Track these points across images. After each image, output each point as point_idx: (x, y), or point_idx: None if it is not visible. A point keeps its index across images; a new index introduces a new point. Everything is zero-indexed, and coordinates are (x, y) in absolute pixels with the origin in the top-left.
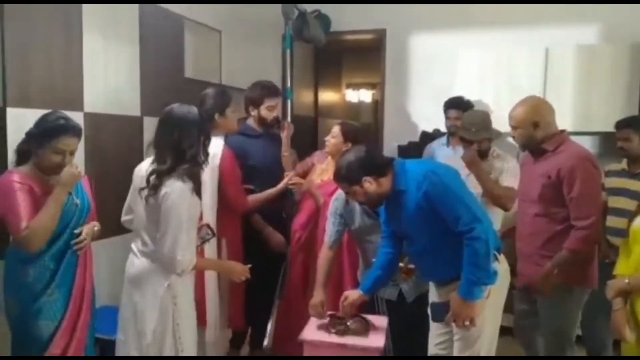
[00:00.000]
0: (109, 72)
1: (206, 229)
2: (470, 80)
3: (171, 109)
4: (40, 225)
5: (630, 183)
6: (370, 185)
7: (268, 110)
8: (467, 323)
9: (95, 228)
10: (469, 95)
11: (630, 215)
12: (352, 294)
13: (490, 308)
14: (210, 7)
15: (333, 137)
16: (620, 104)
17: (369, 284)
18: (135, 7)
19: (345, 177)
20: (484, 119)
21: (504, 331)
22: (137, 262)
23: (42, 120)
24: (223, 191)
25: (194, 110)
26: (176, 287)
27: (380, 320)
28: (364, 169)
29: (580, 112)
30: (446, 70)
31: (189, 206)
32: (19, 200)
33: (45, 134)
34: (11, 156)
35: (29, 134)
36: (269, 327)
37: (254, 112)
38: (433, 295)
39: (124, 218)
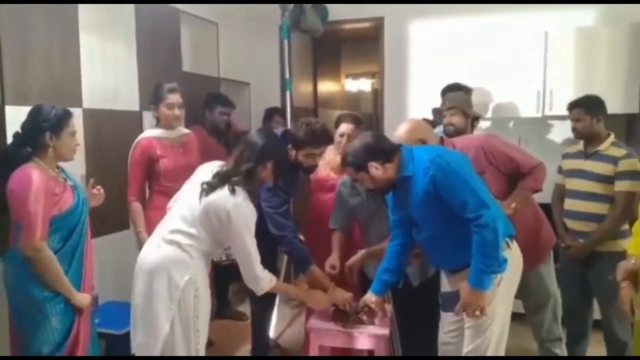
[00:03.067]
0: (106, 68)
1: None
2: (470, 67)
3: (257, 130)
4: (48, 268)
5: (585, 164)
6: (376, 170)
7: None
8: (477, 313)
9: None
10: (469, 82)
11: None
12: (367, 299)
13: (502, 296)
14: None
15: (349, 134)
16: (621, 85)
17: (380, 286)
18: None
19: (352, 162)
20: (459, 95)
21: (515, 317)
22: (157, 252)
23: (44, 112)
24: None
25: (273, 134)
26: (198, 279)
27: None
28: (370, 155)
29: (581, 94)
30: (446, 57)
31: (245, 218)
32: (38, 207)
33: (60, 121)
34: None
35: (41, 128)
36: (274, 317)
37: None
38: (444, 284)
39: (171, 204)
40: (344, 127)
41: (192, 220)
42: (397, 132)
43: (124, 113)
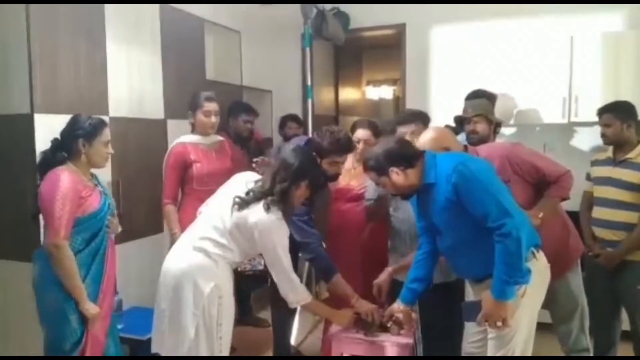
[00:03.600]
0: (132, 77)
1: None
2: (493, 72)
3: (292, 148)
4: (66, 267)
5: (614, 171)
6: (397, 176)
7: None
8: (499, 324)
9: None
10: (493, 88)
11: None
12: (394, 309)
13: (526, 306)
14: (229, 9)
15: (366, 140)
16: None
17: (409, 295)
18: (156, 11)
19: (373, 167)
20: (482, 102)
21: (541, 327)
22: (185, 258)
23: (80, 121)
24: None
25: (306, 152)
26: (222, 287)
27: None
28: (392, 160)
29: (608, 100)
30: (468, 63)
31: (280, 237)
32: (64, 207)
33: (93, 130)
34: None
35: (76, 135)
36: (295, 324)
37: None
38: (468, 292)
39: (202, 209)
40: (360, 133)
41: (223, 230)
42: (421, 140)
43: (149, 121)
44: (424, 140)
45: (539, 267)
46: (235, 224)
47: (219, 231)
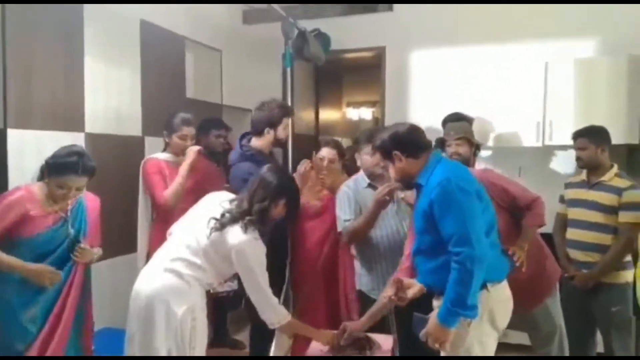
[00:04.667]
0: (110, 93)
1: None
2: (470, 96)
3: (269, 167)
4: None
5: (588, 194)
6: (399, 161)
7: (284, 130)
8: (437, 345)
9: (95, 254)
10: (469, 112)
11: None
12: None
13: (475, 338)
14: (211, 27)
15: (330, 159)
16: (621, 116)
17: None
18: (136, 28)
19: (379, 146)
20: (464, 125)
21: (520, 349)
22: (156, 280)
23: (61, 152)
24: None
25: (284, 171)
26: (195, 309)
27: (386, 340)
28: (397, 143)
29: (581, 124)
30: (446, 87)
31: (258, 257)
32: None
33: (54, 167)
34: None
35: (46, 163)
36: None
37: (269, 133)
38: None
39: (172, 229)
40: (325, 152)
41: (197, 250)
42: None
43: (127, 138)
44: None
45: (494, 299)
46: (211, 245)
47: (193, 250)
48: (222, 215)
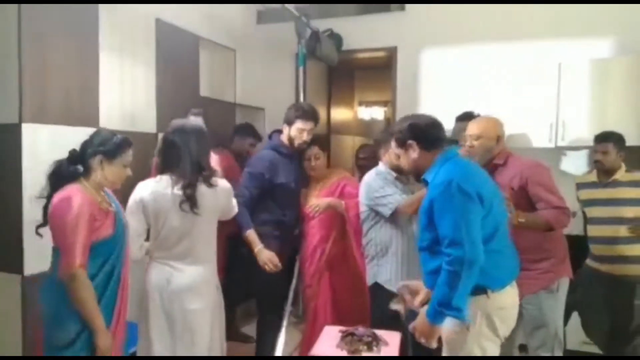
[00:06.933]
0: (125, 90)
1: None
2: (482, 96)
3: (182, 123)
4: (84, 297)
5: (604, 192)
6: (413, 152)
7: (297, 130)
8: (422, 340)
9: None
10: (482, 112)
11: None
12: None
13: (474, 340)
14: (225, 27)
15: (315, 155)
16: (635, 117)
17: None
18: (151, 25)
19: (397, 132)
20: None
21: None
22: (187, 273)
23: (104, 137)
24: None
25: (199, 121)
26: (219, 287)
27: (393, 336)
28: (412, 133)
29: (596, 126)
30: (458, 87)
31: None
32: (79, 234)
33: (115, 149)
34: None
35: (96, 151)
36: (280, 341)
37: (285, 130)
38: None
39: (148, 245)
40: (309, 152)
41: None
42: (469, 130)
43: (141, 135)
44: (473, 130)
45: (493, 306)
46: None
47: (193, 240)
48: (187, 189)
